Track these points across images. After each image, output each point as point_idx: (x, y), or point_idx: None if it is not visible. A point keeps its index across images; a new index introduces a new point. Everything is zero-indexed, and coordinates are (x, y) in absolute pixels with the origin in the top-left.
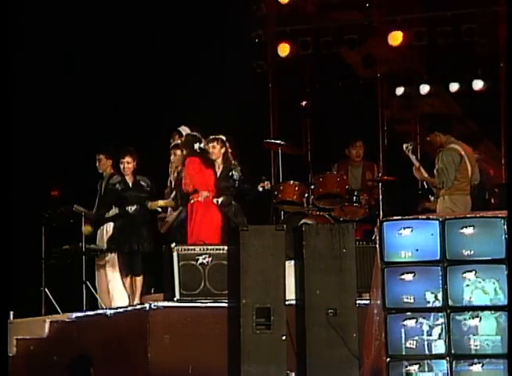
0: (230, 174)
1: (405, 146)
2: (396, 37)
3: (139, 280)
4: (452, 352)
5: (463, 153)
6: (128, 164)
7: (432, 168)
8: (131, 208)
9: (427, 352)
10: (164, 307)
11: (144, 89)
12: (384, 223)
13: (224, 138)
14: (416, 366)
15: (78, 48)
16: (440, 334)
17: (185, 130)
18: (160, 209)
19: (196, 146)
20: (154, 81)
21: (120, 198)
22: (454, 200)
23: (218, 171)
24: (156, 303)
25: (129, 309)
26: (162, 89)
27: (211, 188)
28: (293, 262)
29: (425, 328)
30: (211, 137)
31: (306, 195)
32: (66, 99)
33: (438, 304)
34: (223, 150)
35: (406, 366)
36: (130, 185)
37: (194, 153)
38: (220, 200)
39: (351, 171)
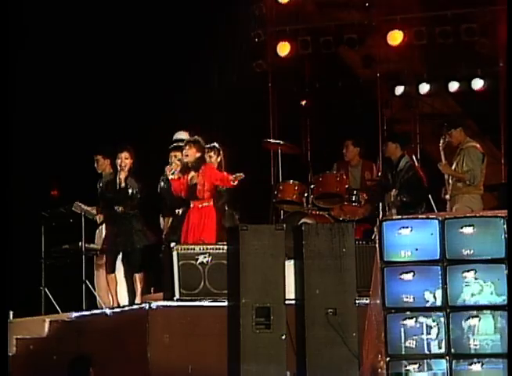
0: None
1: (442, 140)
2: (396, 37)
3: (139, 276)
4: (452, 351)
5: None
6: (125, 159)
7: (434, 167)
8: (119, 208)
9: (426, 351)
10: (164, 306)
11: (143, 89)
12: (384, 223)
13: (217, 146)
14: (415, 366)
15: (78, 48)
16: (439, 334)
17: (181, 134)
18: None
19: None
20: (153, 81)
21: (108, 199)
22: (474, 199)
23: None
24: (155, 303)
25: (129, 308)
26: (161, 89)
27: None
28: (292, 262)
29: (424, 328)
30: (207, 146)
31: (306, 195)
32: (65, 99)
33: (437, 303)
34: (219, 159)
35: (406, 366)
36: (117, 187)
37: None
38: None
39: (350, 171)
